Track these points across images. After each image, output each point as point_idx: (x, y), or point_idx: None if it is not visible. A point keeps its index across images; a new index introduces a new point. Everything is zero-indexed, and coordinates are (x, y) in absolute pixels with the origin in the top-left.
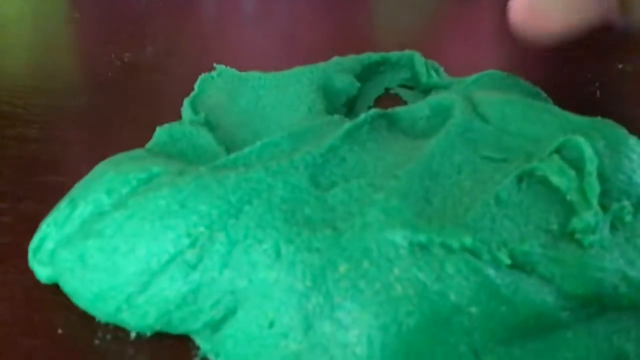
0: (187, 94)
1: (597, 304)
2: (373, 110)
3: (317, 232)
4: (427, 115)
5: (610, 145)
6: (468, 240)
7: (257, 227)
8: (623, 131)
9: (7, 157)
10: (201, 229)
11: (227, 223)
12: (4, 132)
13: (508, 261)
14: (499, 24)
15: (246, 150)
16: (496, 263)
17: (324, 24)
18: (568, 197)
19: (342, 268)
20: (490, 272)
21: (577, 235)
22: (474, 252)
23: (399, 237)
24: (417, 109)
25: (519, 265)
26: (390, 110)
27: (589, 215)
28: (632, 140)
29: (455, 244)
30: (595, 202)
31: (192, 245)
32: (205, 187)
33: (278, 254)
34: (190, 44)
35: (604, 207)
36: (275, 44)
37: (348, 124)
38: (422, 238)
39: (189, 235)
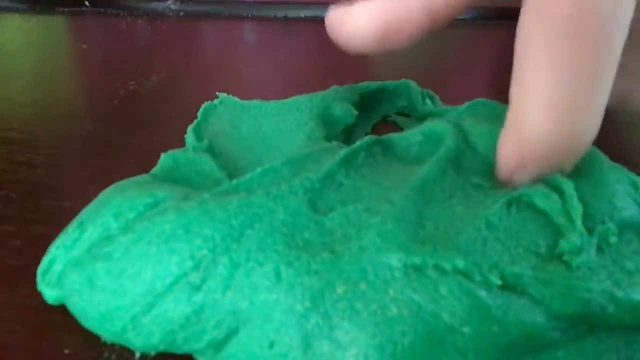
0: (191, 122)
1: (586, 324)
2: (368, 137)
3: (316, 255)
4: (420, 142)
5: (585, 170)
6: (460, 263)
7: (258, 250)
8: (599, 157)
9: (16, 182)
10: (205, 252)
11: (230, 247)
12: (14, 158)
13: (499, 282)
14: (496, 53)
15: (248, 176)
16: (488, 285)
17: (322, 54)
18: (555, 221)
19: (340, 290)
20: (482, 293)
21: (565, 257)
22: (466, 274)
23: (395, 260)
24: (410, 136)
25: (509, 286)
26: (385, 136)
27: (575, 237)
28: (606, 165)
29: (448, 266)
30: (579, 222)
31: (196, 268)
32: (209, 212)
33: (278, 276)
34: (194, 73)
35: (590, 230)
36: (275, 74)
37: (345, 151)
38: (416, 261)
39: (193, 258)
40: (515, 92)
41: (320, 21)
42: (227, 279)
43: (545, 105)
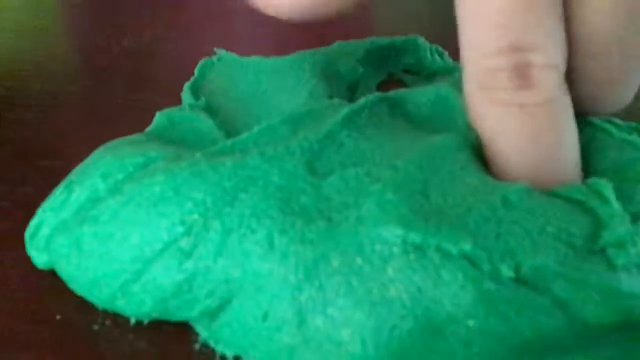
0: (187, 79)
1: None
2: (374, 95)
3: (310, 223)
4: (432, 102)
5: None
6: (467, 247)
7: (251, 215)
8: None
9: (5, 141)
10: (195, 216)
11: (222, 211)
12: (2, 115)
13: (511, 274)
14: None
15: (244, 135)
16: (497, 275)
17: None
18: (593, 207)
19: (335, 262)
20: (490, 285)
21: (609, 252)
22: (472, 261)
23: (393, 234)
24: (420, 94)
25: (527, 281)
26: (391, 93)
27: (622, 227)
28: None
29: (452, 249)
30: (622, 211)
31: (187, 233)
32: (200, 174)
33: (271, 244)
34: (189, 29)
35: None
36: (275, 29)
37: (347, 108)
38: (416, 238)
39: (183, 223)
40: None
41: None
42: (218, 245)
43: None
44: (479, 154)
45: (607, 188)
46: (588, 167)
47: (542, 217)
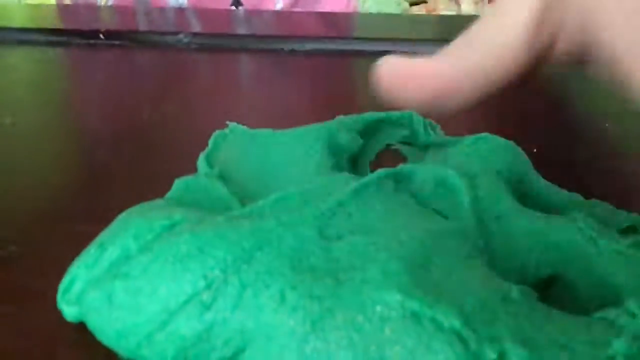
0: (202, 150)
1: None
2: (380, 171)
3: (319, 280)
4: (434, 182)
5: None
6: (457, 323)
7: (266, 272)
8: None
9: (30, 208)
10: (216, 272)
11: (240, 267)
12: (28, 185)
13: (493, 356)
14: None
15: (260, 202)
16: (481, 357)
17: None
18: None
19: (339, 318)
20: None
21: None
22: (462, 337)
23: (394, 299)
24: (422, 172)
25: None
26: (396, 169)
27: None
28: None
29: (444, 322)
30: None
31: (208, 287)
32: (222, 234)
33: (283, 298)
34: (205, 103)
35: None
36: (282, 104)
37: (356, 184)
38: (414, 305)
39: (205, 277)
40: None
41: (321, 54)
42: (236, 298)
43: None
44: (479, 245)
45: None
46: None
47: (539, 312)
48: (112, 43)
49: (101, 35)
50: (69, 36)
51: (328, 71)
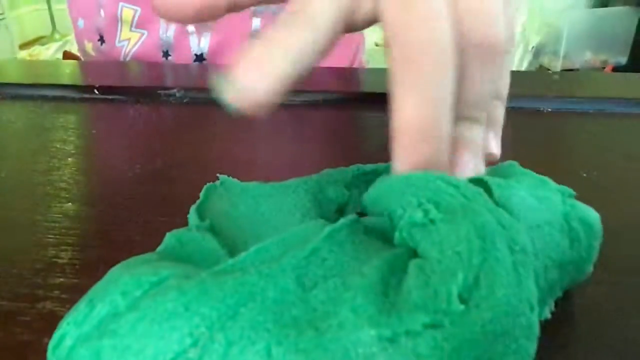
0: (194, 202)
1: None
2: (351, 216)
3: (302, 333)
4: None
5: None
6: (426, 319)
7: (250, 328)
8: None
9: (27, 261)
10: (202, 329)
11: (225, 324)
12: (22, 238)
13: (460, 307)
14: None
15: (243, 255)
16: (457, 316)
17: (320, 139)
18: None
19: None
20: (459, 331)
21: None
22: (435, 325)
23: (369, 335)
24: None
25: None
26: (364, 219)
27: None
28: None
29: (417, 327)
30: None
31: (194, 344)
32: (207, 291)
33: (269, 354)
34: (196, 156)
35: None
36: (274, 158)
37: (328, 228)
38: (387, 333)
39: (191, 335)
40: None
41: (317, 106)
42: (222, 355)
43: None
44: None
45: None
46: None
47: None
48: (106, 98)
49: (95, 90)
50: (64, 91)
51: (320, 124)
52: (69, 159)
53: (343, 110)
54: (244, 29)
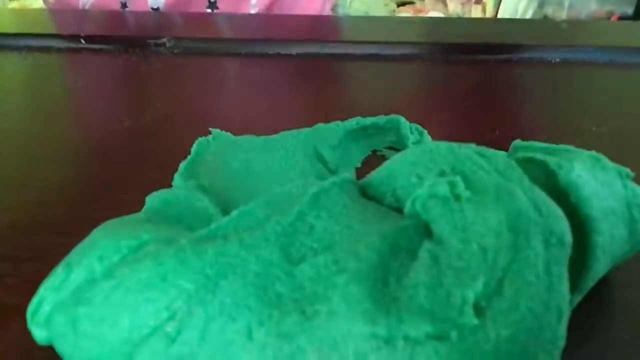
0: (185, 157)
1: None
2: (343, 175)
3: (286, 315)
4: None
5: None
6: (429, 329)
7: (231, 304)
8: None
9: (10, 220)
10: (179, 303)
11: (205, 298)
12: (6, 197)
13: (474, 321)
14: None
15: (225, 220)
16: (465, 331)
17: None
18: None
19: (312, 357)
20: (463, 346)
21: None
22: (440, 336)
23: (362, 332)
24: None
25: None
26: (361, 181)
27: None
28: None
29: (419, 335)
30: None
31: (171, 318)
32: (185, 261)
33: (250, 334)
34: (187, 110)
35: None
36: (268, 109)
37: (313, 189)
38: (382, 332)
39: (168, 309)
40: None
41: (311, 58)
42: (202, 331)
43: None
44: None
45: None
46: None
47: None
48: (93, 47)
49: (82, 40)
50: (50, 41)
51: (315, 74)
52: (55, 112)
53: (339, 62)
54: None
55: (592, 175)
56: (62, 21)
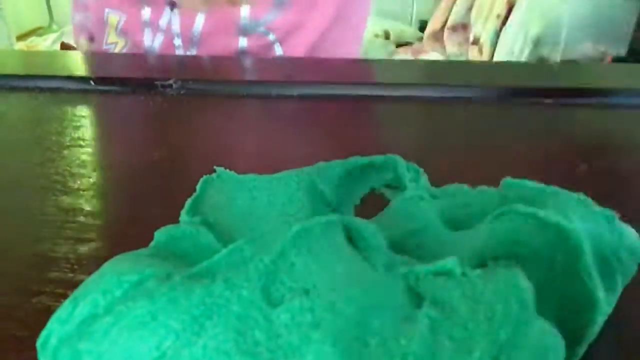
0: (191, 195)
1: None
2: (332, 215)
3: None
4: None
5: None
6: None
7: (213, 349)
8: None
9: (22, 255)
10: (168, 343)
11: (190, 340)
12: (20, 231)
13: None
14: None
15: (216, 256)
16: None
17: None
18: None
19: None
20: None
21: None
22: None
23: None
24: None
25: None
26: (348, 218)
27: None
28: None
29: None
30: None
31: (161, 358)
32: (175, 300)
33: None
34: (194, 149)
35: None
36: (271, 149)
37: (297, 226)
38: None
39: (158, 349)
40: None
41: (313, 99)
42: None
43: None
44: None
45: None
46: None
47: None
48: (101, 89)
49: (91, 81)
50: (60, 82)
51: (315, 116)
52: (64, 151)
53: (345, 103)
54: (231, 47)
55: (585, 227)
56: (71, 63)
